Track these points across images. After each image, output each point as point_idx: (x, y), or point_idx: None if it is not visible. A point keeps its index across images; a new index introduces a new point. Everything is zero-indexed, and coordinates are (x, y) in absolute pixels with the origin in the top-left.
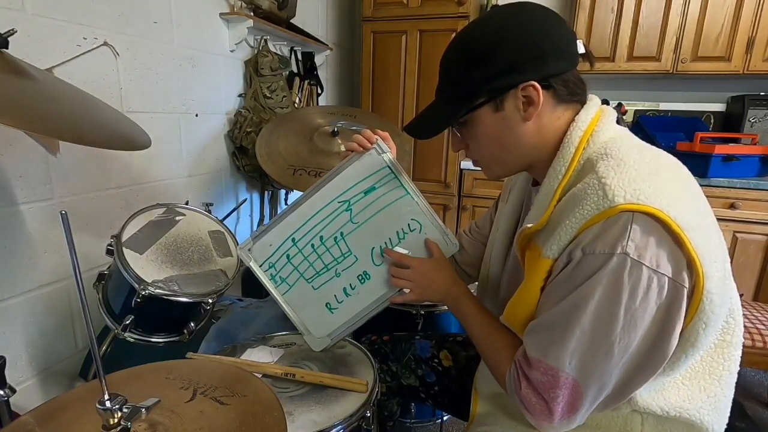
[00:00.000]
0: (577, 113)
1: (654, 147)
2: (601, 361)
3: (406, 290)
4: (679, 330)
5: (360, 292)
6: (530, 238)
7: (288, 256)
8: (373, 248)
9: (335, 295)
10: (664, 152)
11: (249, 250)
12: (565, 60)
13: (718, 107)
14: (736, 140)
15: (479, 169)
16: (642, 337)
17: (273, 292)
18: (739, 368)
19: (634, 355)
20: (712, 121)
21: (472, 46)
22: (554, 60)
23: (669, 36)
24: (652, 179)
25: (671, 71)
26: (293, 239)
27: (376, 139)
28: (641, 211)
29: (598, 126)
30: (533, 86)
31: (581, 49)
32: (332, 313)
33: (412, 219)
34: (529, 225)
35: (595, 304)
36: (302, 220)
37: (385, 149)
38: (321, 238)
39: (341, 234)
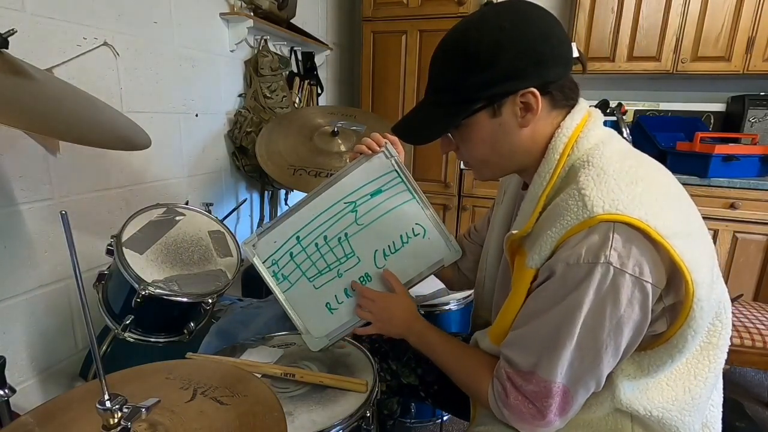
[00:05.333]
0: (565, 118)
1: (637, 152)
2: (589, 367)
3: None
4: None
5: None
6: (519, 243)
7: (291, 254)
8: (377, 251)
9: (336, 296)
10: (647, 157)
11: (253, 245)
12: (563, 66)
13: (718, 107)
14: (736, 140)
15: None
16: (627, 340)
17: (274, 289)
18: (723, 369)
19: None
20: (712, 121)
21: (471, 48)
22: (553, 66)
23: (669, 36)
24: (631, 189)
25: (671, 71)
26: (297, 237)
27: (385, 143)
28: (620, 221)
29: (583, 132)
30: (533, 93)
31: (575, 53)
32: (332, 313)
33: (416, 223)
34: (514, 231)
35: (582, 316)
36: (307, 219)
37: (393, 153)
38: (325, 237)
39: (345, 235)
